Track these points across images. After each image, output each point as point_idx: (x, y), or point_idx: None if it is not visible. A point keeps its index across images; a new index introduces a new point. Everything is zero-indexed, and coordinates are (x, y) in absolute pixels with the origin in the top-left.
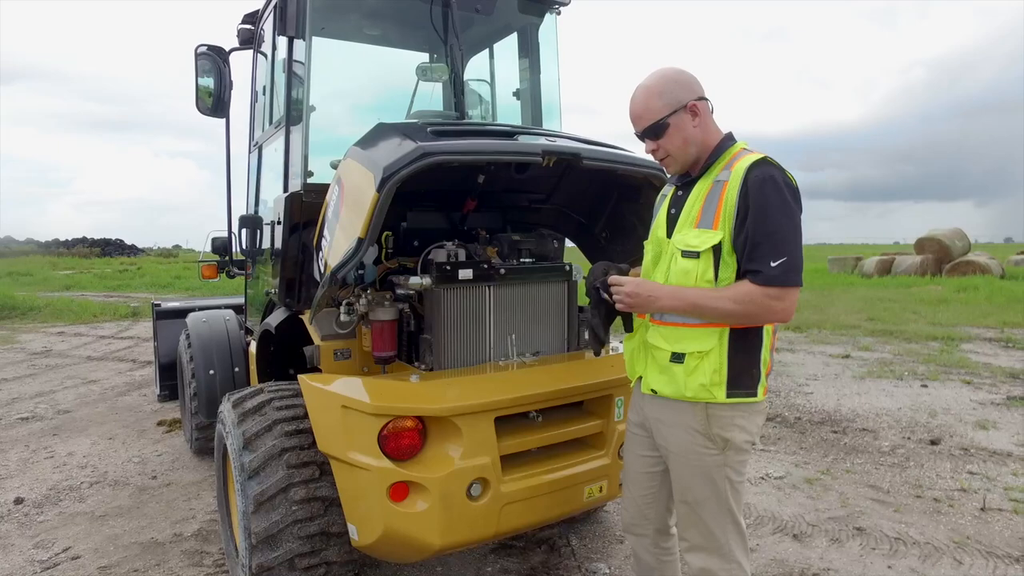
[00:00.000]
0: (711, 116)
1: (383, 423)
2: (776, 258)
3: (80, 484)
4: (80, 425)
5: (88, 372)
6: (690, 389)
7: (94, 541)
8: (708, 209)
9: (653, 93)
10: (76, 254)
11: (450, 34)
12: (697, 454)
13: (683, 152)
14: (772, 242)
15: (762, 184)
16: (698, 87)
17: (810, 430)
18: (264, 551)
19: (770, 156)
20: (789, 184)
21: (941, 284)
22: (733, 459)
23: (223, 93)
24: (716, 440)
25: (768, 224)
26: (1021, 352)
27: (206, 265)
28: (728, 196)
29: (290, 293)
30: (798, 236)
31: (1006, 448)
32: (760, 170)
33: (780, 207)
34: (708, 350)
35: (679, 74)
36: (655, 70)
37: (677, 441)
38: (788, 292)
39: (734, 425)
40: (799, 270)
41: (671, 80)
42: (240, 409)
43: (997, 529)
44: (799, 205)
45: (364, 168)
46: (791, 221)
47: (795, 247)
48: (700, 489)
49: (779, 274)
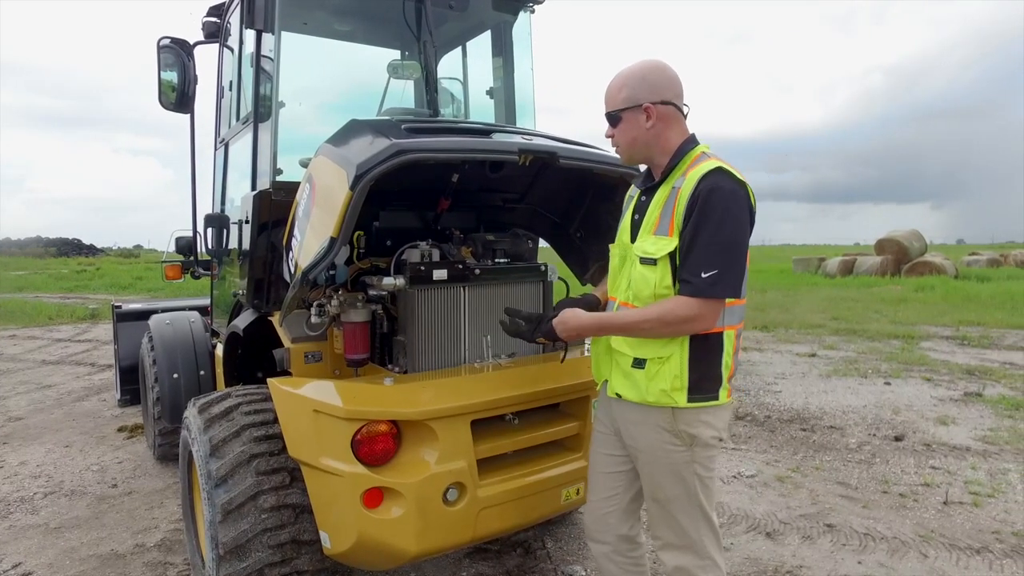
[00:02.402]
0: (676, 121)
1: (356, 427)
2: (708, 269)
3: (33, 495)
4: (34, 432)
5: (43, 377)
6: (652, 394)
7: (48, 555)
8: (664, 216)
9: (619, 83)
10: (30, 254)
11: (423, 30)
12: (665, 451)
13: (630, 148)
14: (708, 253)
15: (709, 194)
16: (666, 90)
17: (780, 428)
18: (232, 561)
19: (727, 164)
20: (738, 195)
21: (900, 284)
22: (701, 455)
23: (187, 88)
24: (683, 437)
25: (707, 235)
26: (976, 349)
27: (170, 266)
28: (679, 203)
29: (258, 294)
30: (736, 249)
31: (965, 443)
32: (711, 179)
33: (722, 219)
34: (668, 356)
35: (651, 71)
36: (643, 60)
37: (645, 439)
38: (713, 304)
39: (699, 422)
40: (730, 284)
41: (639, 76)
42: (206, 414)
43: (959, 522)
44: (748, 216)
45: (336, 166)
46: (731, 233)
47: (731, 260)
48: (670, 487)
49: (706, 286)
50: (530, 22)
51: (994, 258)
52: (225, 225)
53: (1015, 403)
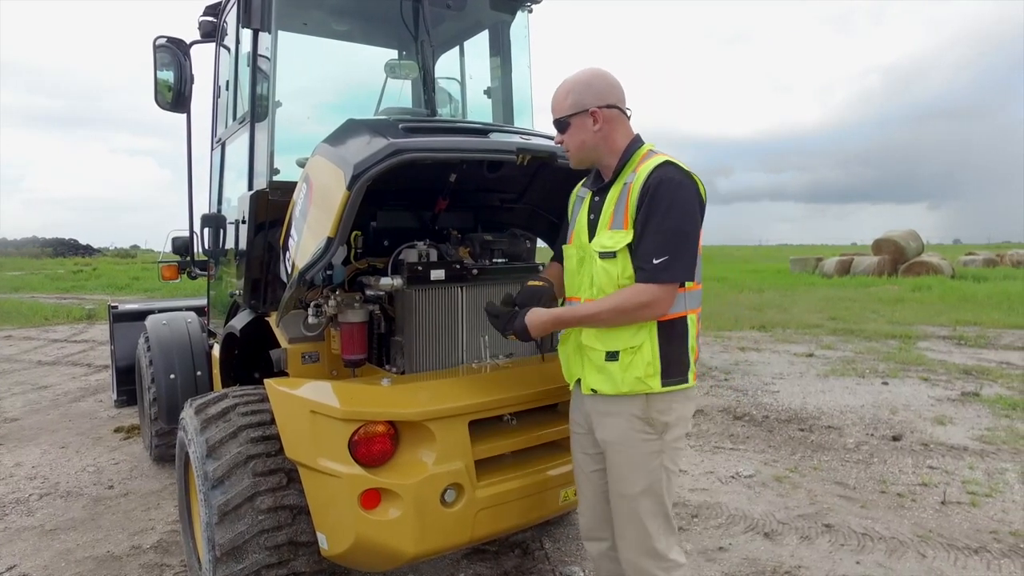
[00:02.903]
0: (621, 123)
1: (353, 428)
2: (659, 255)
3: (28, 496)
4: (29, 433)
5: (39, 377)
6: (627, 384)
7: (43, 557)
8: (618, 211)
9: (565, 91)
10: (26, 254)
11: (421, 30)
12: (635, 441)
13: (579, 152)
14: (658, 241)
15: (659, 185)
16: (610, 94)
17: (777, 428)
18: (229, 563)
19: (674, 158)
20: (686, 185)
21: (897, 284)
22: (670, 445)
23: (184, 87)
24: (656, 424)
25: (656, 223)
26: (973, 349)
27: (166, 266)
28: (631, 197)
29: (255, 294)
30: (686, 236)
31: (962, 443)
32: (660, 171)
33: (670, 207)
34: (640, 344)
35: (595, 78)
36: (585, 68)
37: (617, 430)
38: (666, 288)
39: (671, 408)
40: (682, 268)
41: (584, 83)
42: (203, 415)
43: (956, 522)
44: (696, 206)
45: (334, 166)
46: (680, 221)
47: (680, 246)
48: (637, 480)
49: (659, 271)
50: (528, 21)
51: (990, 258)
52: (222, 225)
53: (1012, 403)
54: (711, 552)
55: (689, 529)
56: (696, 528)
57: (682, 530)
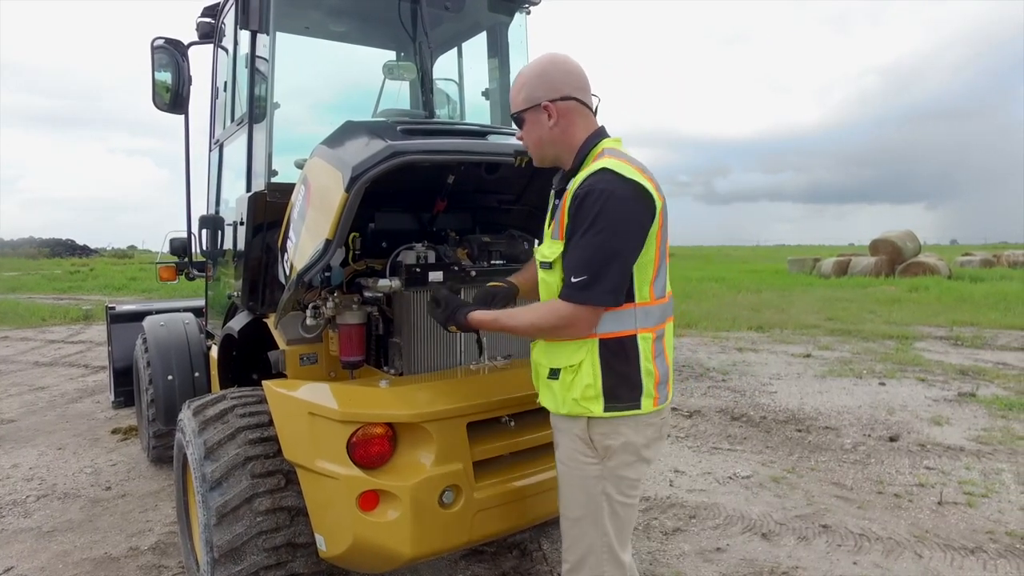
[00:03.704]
0: (581, 116)
1: (352, 430)
2: (578, 274)
3: (26, 498)
4: (26, 435)
5: (36, 378)
6: (566, 405)
7: (41, 559)
8: (557, 220)
9: (519, 84)
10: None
11: (419, 31)
12: (578, 463)
13: (537, 149)
14: (579, 257)
15: (586, 196)
16: (566, 84)
17: (775, 429)
18: (227, 565)
19: (619, 161)
20: (621, 196)
21: (894, 284)
22: (613, 472)
23: (181, 88)
24: (596, 448)
25: (578, 239)
26: (970, 350)
27: (164, 267)
28: (565, 204)
29: (253, 296)
30: (613, 255)
31: (959, 443)
32: (592, 179)
33: (594, 222)
34: (579, 363)
35: (549, 68)
36: (544, 56)
37: (563, 449)
38: (582, 310)
39: (616, 433)
40: (602, 290)
41: (536, 75)
42: (201, 417)
43: (953, 522)
44: (634, 219)
45: (332, 167)
46: (607, 237)
47: (602, 265)
48: (578, 504)
49: (575, 291)
50: (526, 23)
51: (987, 259)
52: (220, 226)
53: (1008, 403)
54: (709, 553)
55: (687, 530)
56: (694, 529)
57: (680, 531)
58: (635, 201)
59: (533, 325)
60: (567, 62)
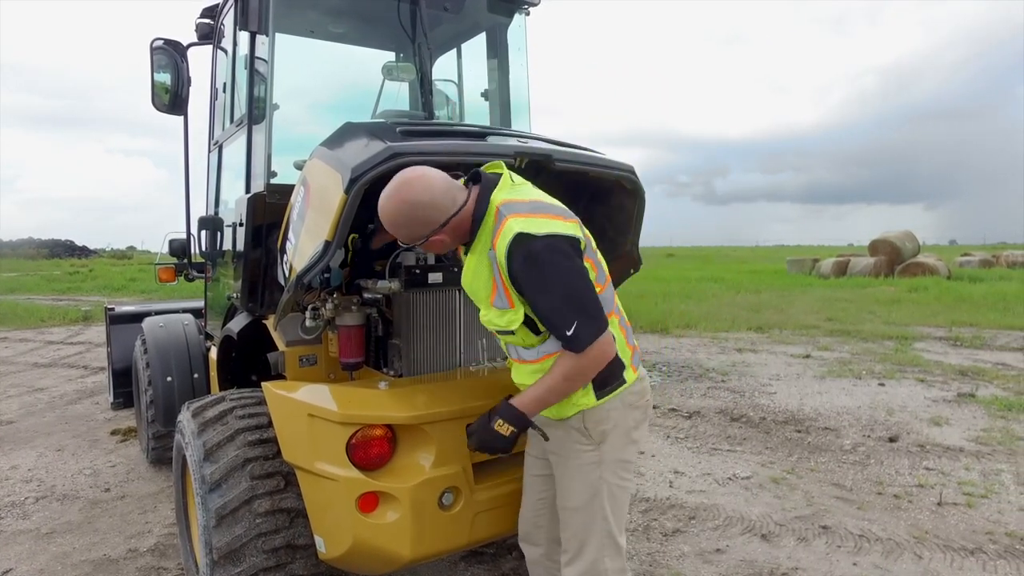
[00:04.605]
0: (458, 202)
1: (351, 432)
2: (568, 326)
3: (24, 499)
4: (25, 436)
5: (35, 380)
6: (567, 411)
7: (39, 561)
8: (498, 289)
9: (403, 226)
10: (21, 255)
11: (418, 32)
12: (575, 452)
13: (444, 248)
14: (556, 316)
15: (523, 265)
16: (437, 211)
17: (775, 430)
18: (226, 566)
19: (525, 218)
20: (550, 244)
21: (894, 285)
22: (608, 456)
23: (181, 89)
24: (593, 434)
25: (545, 301)
26: (969, 350)
27: (163, 268)
28: (503, 276)
29: (253, 297)
30: (577, 290)
31: (958, 444)
32: (519, 251)
33: (548, 280)
34: None
35: (417, 208)
36: (398, 194)
37: (559, 441)
38: (598, 342)
39: (608, 417)
40: (591, 322)
41: (409, 218)
42: (200, 418)
43: (953, 523)
44: (569, 253)
45: (331, 169)
46: (563, 286)
47: (577, 307)
48: (578, 492)
49: (576, 339)
50: (525, 24)
51: (986, 259)
52: (219, 228)
53: (1008, 404)
54: (708, 554)
55: (686, 531)
56: (693, 530)
57: (679, 532)
58: (564, 245)
59: (567, 389)
60: (419, 198)
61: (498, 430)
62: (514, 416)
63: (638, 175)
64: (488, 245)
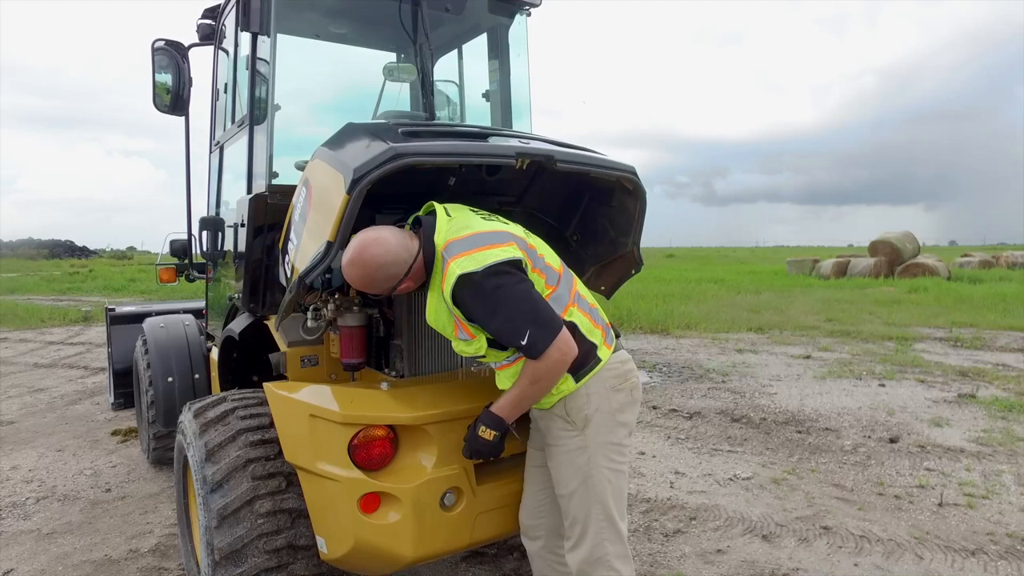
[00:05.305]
0: (411, 250)
1: (353, 432)
2: (521, 337)
3: (25, 500)
4: (26, 436)
5: (35, 380)
6: (551, 399)
7: (40, 561)
8: (458, 323)
9: (370, 283)
10: (21, 256)
11: (419, 33)
12: (561, 439)
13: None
14: (508, 331)
15: (469, 298)
16: (394, 266)
17: (775, 430)
18: (228, 567)
19: (464, 262)
20: (488, 272)
21: (894, 285)
22: (594, 440)
23: (182, 90)
24: (576, 420)
25: (495, 322)
26: (969, 351)
27: (164, 268)
28: (458, 314)
29: (254, 298)
30: (521, 308)
31: (959, 444)
32: (463, 291)
33: (491, 306)
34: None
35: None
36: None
37: (550, 432)
38: (554, 345)
39: (588, 401)
40: (546, 328)
41: (370, 278)
42: (202, 419)
43: (953, 524)
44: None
45: (333, 169)
46: (510, 305)
47: (527, 318)
48: (569, 478)
49: (533, 344)
50: (526, 24)
51: (986, 259)
52: (220, 228)
53: (1008, 404)
54: (709, 554)
55: (687, 531)
56: (694, 530)
57: (680, 532)
58: (503, 267)
59: (536, 386)
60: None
61: (483, 436)
62: (494, 421)
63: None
64: (439, 282)
